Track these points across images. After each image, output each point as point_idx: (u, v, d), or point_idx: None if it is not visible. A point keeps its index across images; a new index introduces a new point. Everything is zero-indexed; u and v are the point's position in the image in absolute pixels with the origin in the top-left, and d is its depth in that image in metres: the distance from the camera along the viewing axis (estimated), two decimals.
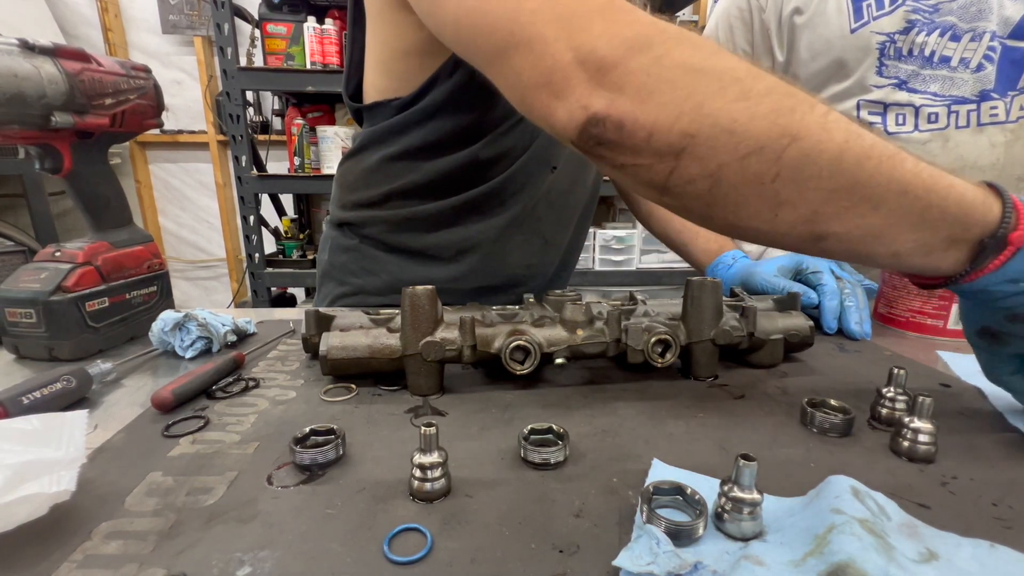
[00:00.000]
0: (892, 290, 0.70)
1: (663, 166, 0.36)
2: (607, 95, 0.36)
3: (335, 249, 0.80)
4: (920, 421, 0.38)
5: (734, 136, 0.34)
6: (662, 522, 0.28)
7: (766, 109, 0.34)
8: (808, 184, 0.34)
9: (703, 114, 0.34)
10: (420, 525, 0.30)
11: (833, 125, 0.34)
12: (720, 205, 0.37)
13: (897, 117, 0.81)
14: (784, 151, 0.33)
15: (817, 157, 0.34)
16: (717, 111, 0.34)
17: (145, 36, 2.72)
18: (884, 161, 0.34)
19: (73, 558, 0.28)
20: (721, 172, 0.35)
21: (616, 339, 0.50)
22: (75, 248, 0.59)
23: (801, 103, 0.34)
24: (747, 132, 0.34)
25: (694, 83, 0.34)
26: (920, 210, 0.35)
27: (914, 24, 0.78)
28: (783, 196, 0.35)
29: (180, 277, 3.02)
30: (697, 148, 0.35)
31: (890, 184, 0.34)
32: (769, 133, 0.33)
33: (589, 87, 0.36)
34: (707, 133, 0.34)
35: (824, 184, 0.34)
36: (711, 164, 0.35)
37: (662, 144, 0.35)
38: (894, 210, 0.35)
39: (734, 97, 0.34)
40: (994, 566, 0.27)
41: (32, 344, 0.56)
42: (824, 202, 0.35)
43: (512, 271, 0.78)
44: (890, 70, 0.80)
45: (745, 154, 0.34)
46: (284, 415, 0.44)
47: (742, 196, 0.36)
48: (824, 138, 0.34)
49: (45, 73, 0.52)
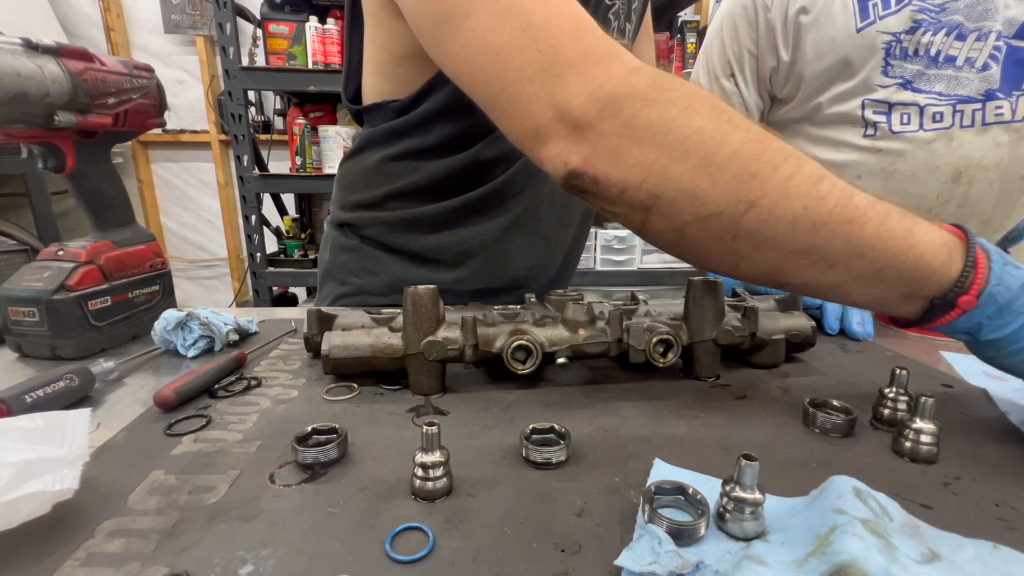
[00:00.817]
0: None
1: (636, 216, 0.40)
2: (583, 152, 0.39)
3: (336, 249, 0.80)
4: (922, 422, 0.38)
5: (696, 200, 0.37)
6: (664, 522, 0.28)
7: (727, 176, 0.36)
8: (766, 245, 0.37)
9: (667, 178, 0.37)
10: (422, 524, 0.30)
11: (793, 191, 0.36)
12: (688, 253, 0.41)
13: (902, 116, 0.81)
14: (742, 216, 0.36)
15: (774, 223, 0.36)
16: (679, 176, 0.37)
17: (147, 36, 2.72)
18: (842, 226, 0.36)
19: (76, 556, 0.28)
20: (685, 228, 0.38)
21: (618, 339, 0.50)
22: (78, 247, 0.59)
23: (764, 167, 0.36)
24: (708, 197, 0.36)
25: (660, 147, 0.37)
26: (877, 270, 0.37)
27: (920, 24, 0.78)
28: (743, 252, 0.38)
29: (182, 276, 3.02)
30: (663, 207, 0.38)
31: (847, 248, 0.36)
32: (728, 199, 0.36)
33: (568, 143, 0.39)
34: (671, 196, 0.37)
35: (781, 246, 0.37)
36: (676, 221, 0.38)
37: (633, 200, 0.39)
38: (851, 270, 0.37)
39: (696, 163, 0.36)
40: (996, 567, 0.27)
41: (35, 343, 0.56)
42: (782, 260, 0.38)
43: (514, 272, 0.78)
44: (895, 70, 0.80)
45: (706, 216, 0.37)
46: (286, 414, 0.44)
47: (706, 249, 0.40)
48: (781, 205, 0.36)
49: (48, 72, 0.52)
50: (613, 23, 0.70)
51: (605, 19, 0.68)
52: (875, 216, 0.36)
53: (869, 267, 0.37)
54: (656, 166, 0.37)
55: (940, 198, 0.83)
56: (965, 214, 0.84)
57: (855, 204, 0.36)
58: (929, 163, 0.82)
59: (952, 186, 0.82)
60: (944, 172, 0.81)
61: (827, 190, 0.36)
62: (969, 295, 0.36)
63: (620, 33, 0.72)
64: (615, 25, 0.70)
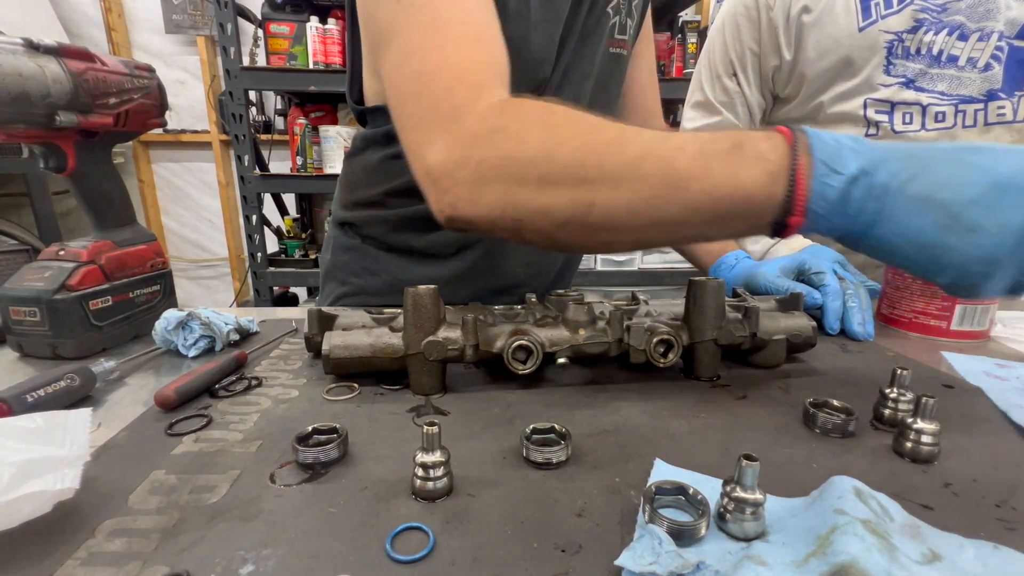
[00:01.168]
0: (895, 291, 0.70)
1: (514, 236, 0.47)
2: (450, 201, 0.46)
3: (337, 249, 0.81)
4: (923, 422, 0.38)
5: (547, 214, 0.43)
6: (664, 522, 0.28)
7: (563, 188, 0.42)
8: (618, 229, 0.43)
9: (519, 205, 0.43)
10: (422, 524, 0.30)
11: (621, 181, 0.41)
12: (569, 248, 0.48)
13: (904, 116, 0.81)
14: (588, 216, 0.42)
15: (615, 213, 0.42)
16: (528, 201, 0.43)
17: (148, 36, 2.73)
18: (671, 194, 0.40)
19: (77, 555, 0.28)
20: (553, 235, 0.45)
21: (618, 339, 0.50)
22: (79, 247, 0.59)
23: (591, 169, 0.41)
24: (555, 209, 0.43)
25: (504, 181, 0.43)
26: (716, 219, 0.41)
27: (922, 23, 0.78)
28: (605, 238, 0.44)
29: (183, 276, 3.03)
30: (526, 226, 0.45)
31: (683, 210, 0.41)
32: (571, 206, 0.42)
33: (437, 195, 0.47)
34: (528, 216, 0.44)
35: (630, 225, 0.42)
36: (542, 233, 0.45)
37: (503, 227, 0.46)
38: (695, 224, 0.42)
39: (535, 185, 0.42)
40: (997, 567, 0.27)
41: (36, 342, 0.56)
42: (638, 234, 0.43)
43: (513, 270, 0.78)
44: (898, 69, 0.80)
45: (562, 222, 0.43)
46: (287, 414, 0.44)
47: (579, 243, 0.46)
48: (614, 197, 0.41)
49: (49, 72, 0.52)
50: (613, 18, 0.70)
51: (604, 12, 0.68)
52: (698, 173, 0.39)
53: (709, 218, 0.41)
54: (507, 197, 0.44)
55: None
56: None
57: (677, 170, 0.40)
58: None
59: None
60: None
61: (649, 168, 0.40)
62: (795, 215, 0.38)
63: (620, 29, 0.72)
64: (615, 20, 0.70)
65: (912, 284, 0.68)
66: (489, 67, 0.48)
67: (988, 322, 0.66)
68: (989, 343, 0.66)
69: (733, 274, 0.77)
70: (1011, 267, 0.35)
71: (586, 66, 0.69)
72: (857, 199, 0.37)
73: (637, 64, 0.85)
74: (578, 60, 0.68)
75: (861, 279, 0.70)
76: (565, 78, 0.68)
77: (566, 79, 0.68)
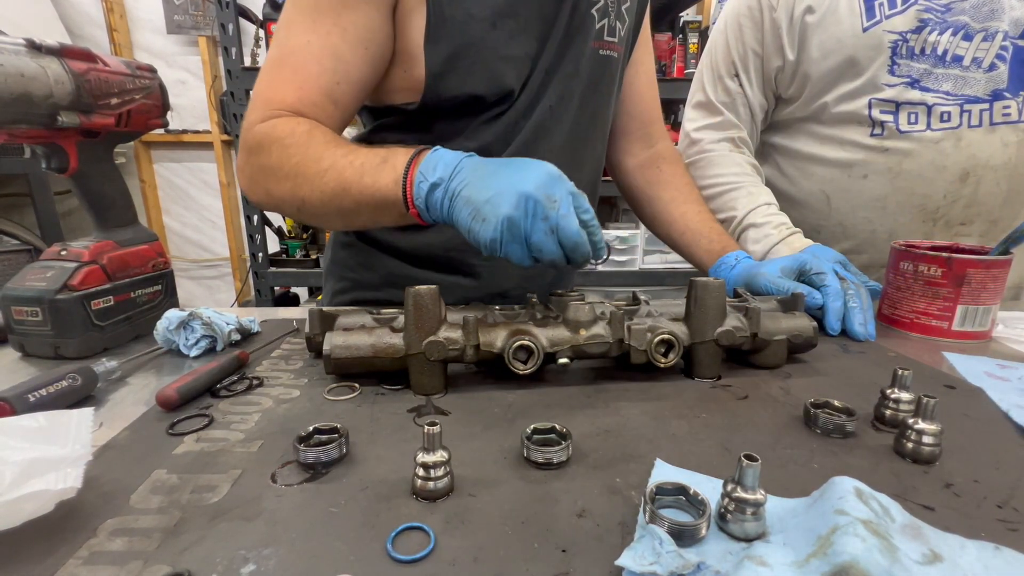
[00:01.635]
0: (896, 291, 0.70)
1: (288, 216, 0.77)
2: (243, 189, 0.66)
3: (336, 246, 0.82)
4: (924, 422, 0.38)
5: (286, 204, 0.61)
6: (665, 522, 0.28)
7: (287, 188, 0.59)
8: (324, 216, 0.60)
9: (272, 197, 0.62)
10: (423, 524, 0.30)
11: (316, 185, 0.57)
12: (316, 226, 0.92)
13: (909, 116, 0.81)
14: (303, 208, 0.60)
15: (317, 207, 0.58)
16: (274, 194, 0.61)
17: (150, 36, 2.73)
18: (341, 195, 0.56)
19: (79, 554, 0.28)
20: (297, 217, 0.64)
21: (619, 339, 0.50)
22: (81, 247, 0.59)
23: (299, 175, 0.58)
24: (289, 201, 0.60)
25: (263, 181, 0.62)
26: (374, 211, 0.56)
27: (926, 23, 0.78)
28: (321, 223, 0.64)
29: (184, 276, 3.03)
30: (282, 210, 0.65)
31: (353, 206, 0.56)
32: (294, 200, 0.60)
33: (240, 183, 0.66)
34: (277, 204, 0.63)
35: (331, 214, 0.59)
36: (291, 213, 0.63)
37: (273, 210, 0.67)
38: (363, 214, 0.57)
39: (275, 184, 0.60)
40: (999, 568, 0.27)
41: (38, 342, 0.56)
42: (336, 220, 0.61)
43: (511, 271, 0.77)
44: (902, 69, 0.80)
45: (295, 210, 0.61)
46: (288, 414, 0.44)
47: (314, 223, 0.77)
48: (313, 197, 0.58)
49: (52, 73, 0.52)
50: (600, 20, 0.70)
51: (588, 14, 0.69)
52: (356, 179, 0.55)
53: (369, 211, 0.56)
54: (264, 190, 0.62)
55: (947, 198, 0.83)
56: (972, 214, 0.84)
57: (345, 178, 0.56)
58: (937, 163, 0.81)
59: (960, 186, 0.82)
60: (952, 172, 0.81)
61: (329, 176, 0.56)
62: (412, 208, 0.53)
63: (610, 31, 0.72)
64: (603, 23, 0.71)
65: (914, 285, 0.68)
66: (296, 92, 0.61)
67: (989, 323, 0.66)
68: (990, 344, 0.66)
69: (734, 274, 0.77)
70: (511, 243, 0.49)
71: (570, 66, 0.70)
72: (438, 198, 0.52)
73: (635, 71, 0.85)
74: (561, 60, 0.69)
75: (863, 279, 0.70)
76: (548, 77, 0.69)
77: (549, 78, 0.69)
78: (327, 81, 0.62)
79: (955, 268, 0.64)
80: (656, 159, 0.90)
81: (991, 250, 0.67)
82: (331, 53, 0.61)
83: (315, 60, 0.61)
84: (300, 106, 0.61)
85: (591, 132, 0.77)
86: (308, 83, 0.61)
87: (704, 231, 0.83)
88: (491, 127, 0.69)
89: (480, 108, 0.67)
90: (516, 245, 0.49)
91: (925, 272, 0.66)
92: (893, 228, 0.88)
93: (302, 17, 0.61)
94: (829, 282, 0.67)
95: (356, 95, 0.65)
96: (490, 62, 0.64)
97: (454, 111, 0.67)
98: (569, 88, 0.71)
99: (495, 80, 0.66)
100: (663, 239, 0.89)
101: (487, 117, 0.68)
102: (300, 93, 0.61)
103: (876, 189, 0.86)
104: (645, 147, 0.91)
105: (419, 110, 0.67)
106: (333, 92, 0.62)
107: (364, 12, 0.61)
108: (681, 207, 0.86)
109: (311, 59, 0.61)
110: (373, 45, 0.63)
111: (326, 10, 0.60)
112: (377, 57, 0.64)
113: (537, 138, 0.71)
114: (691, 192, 0.88)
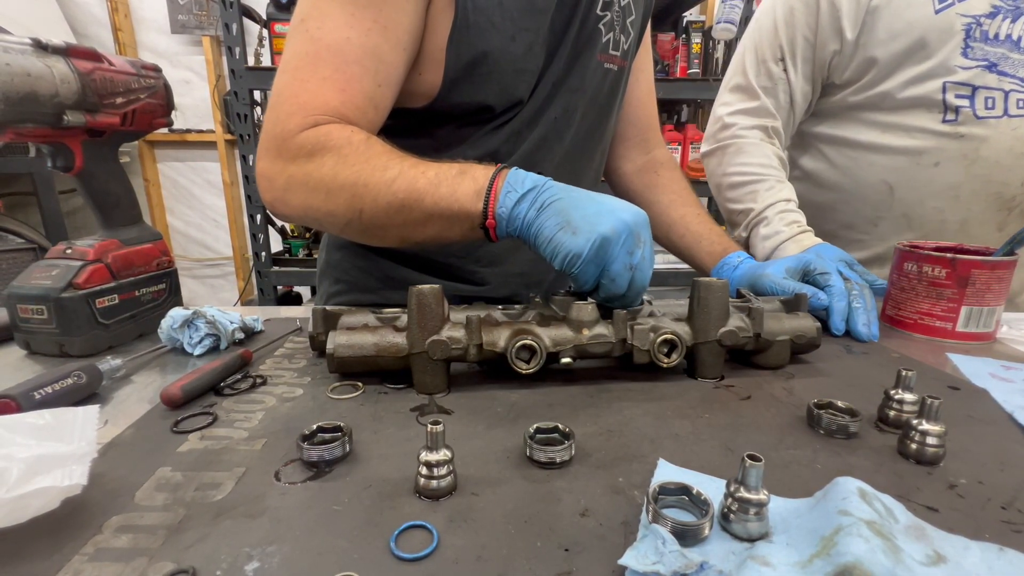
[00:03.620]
0: (900, 292, 0.70)
1: (318, 228, 0.67)
2: (269, 200, 0.60)
3: (331, 247, 0.82)
4: (928, 423, 0.38)
5: (334, 217, 0.57)
6: (668, 522, 0.28)
7: (342, 200, 0.56)
8: (382, 228, 0.57)
9: (314, 210, 0.58)
10: (426, 522, 0.30)
11: (380, 195, 0.54)
12: (357, 240, 0.65)
13: (986, 101, 0.79)
14: (359, 219, 0.56)
15: (377, 217, 0.55)
16: (319, 207, 0.57)
17: (154, 36, 2.74)
18: (413, 205, 0.54)
19: (84, 551, 0.28)
20: (342, 231, 0.60)
21: (622, 339, 0.50)
22: (85, 245, 0.60)
23: (359, 186, 0.54)
24: (338, 215, 0.57)
25: (305, 192, 0.57)
26: (444, 223, 0.54)
27: (999, 10, 0.77)
28: (377, 234, 0.58)
29: (187, 275, 3.04)
30: (321, 224, 0.60)
31: (421, 216, 0.54)
32: (347, 213, 0.56)
33: (262, 192, 0.61)
34: (320, 218, 0.58)
35: (389, 225, 0.56)
36: (334, 229, 0.61)
37: (307, 223, 0.62)
38: (431, 226, 0.55)
39: (323, 199, 0.56)
40: (1003, 570, 0.27)
41: (43, 340, 0.57)
42: (397, 232, 0.57)
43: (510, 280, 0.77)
44: (976, 52, 0.78)
45: (345, 223, 0.57)
46: (291, 412, 0.45)
47: (358, 238, 0.62)
48: (373, 206, 0.55)
49: (58, 72, 0.52)
50: (606, 34, 0.70)
51: (596, 29, 0.69)
52: (430, 189, 0.53)
53: (439, 222, 0.54)
54: (306, 203, 0.58)
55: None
56: None
57: (416, 188, 0.53)
58: (1015, 150, 0.79)
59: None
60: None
61: (399, 186, 0.54)
62: (490, 220, 0.52)
63: (614, 46, 0.72)
64: (609, 37, 0.71)
65: (918, 285, 0.67)
66: (339, 95, 0.57)
67: (994, 324, 0.66)
68: (995, 345, 0.66)
69: (737, 275, 0.76)
70: (591, 263, 0.48)
71: (576, 80, 0.70)
72: (523, 209, 0.51)
73: (636, 78, 0.85)
74: (568, 74, 0.69)
75: (871, 279, 0.69)
76: (555, 90, 0.69)
77: (555, 91, 0.69)
78: (370, 84, 0.58)
79: (959, 269, 0.63)
80: (653, 164, 0.90)
81: (995, 251, 0.66)
82: (372, 53, 0.57)
83: (356, 60, 0.57)
84: (344, 110, 0.57)
85: (592, 145, 0.77)
86: (352, 86, 0.57)
87: (704, 233, 0.83)
88: (495, 136, 0.69)
89: (487, 117, 0.67)
90: (594, 266, 0.49)
91: (929, 273, 0.66)
92: (966, 217, 0.84)
93: (338, 9, 0.56)
94: (833, 282, 0.67)
95: (392, 100, 0.62)
96: (506, 73, 0.64)
97: (461, 119, 0.67)
98: (573, 101, 0.71)
99: (507, 91, 0.65)
100: (662, 243, 0.89)
101: (492, 127, 0.68)
102: (344, 96, 0.57)
103: (949, 177, 0.83)
104: (642, 153, 0.92)
105: (425, 115, 0.66)
106: (375, 96, 0.59)
107: (404, 8, 0.57)
108: (680, 210, 0.85)
109: (352, 59, 0.57)
110: (411, 46, 0.60)
111: (365, 3, 0.56)
112: (411, 59, 0.61)
113: (540, 149, 0.71)
114: (689, 196, 0.88)
